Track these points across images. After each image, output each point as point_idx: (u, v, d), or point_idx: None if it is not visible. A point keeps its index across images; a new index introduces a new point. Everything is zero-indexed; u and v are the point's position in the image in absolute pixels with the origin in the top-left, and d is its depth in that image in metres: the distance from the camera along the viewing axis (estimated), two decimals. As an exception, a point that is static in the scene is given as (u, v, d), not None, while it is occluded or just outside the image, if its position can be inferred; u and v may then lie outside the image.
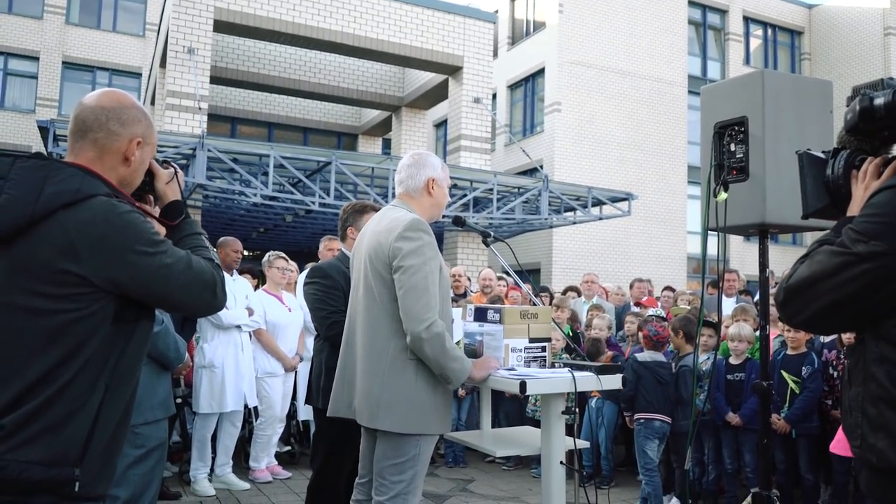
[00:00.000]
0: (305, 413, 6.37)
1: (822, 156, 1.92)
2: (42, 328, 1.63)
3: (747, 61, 25.00)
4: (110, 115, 1.81)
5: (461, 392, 6.57)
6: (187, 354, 4.80)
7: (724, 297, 7.37)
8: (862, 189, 1.76)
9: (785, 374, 5.23)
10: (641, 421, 5.34)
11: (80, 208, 1.66)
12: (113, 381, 1.71)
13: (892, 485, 1.57)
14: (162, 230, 1.93)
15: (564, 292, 9.14)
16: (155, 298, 1.78)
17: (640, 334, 5.85)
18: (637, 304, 8.77)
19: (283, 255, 6.45)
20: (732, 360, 5.53)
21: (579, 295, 9.09)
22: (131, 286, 1.71)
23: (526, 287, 5.00)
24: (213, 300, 1.86)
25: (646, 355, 5.48)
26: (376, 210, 3.84)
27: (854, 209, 1.75)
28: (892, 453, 1.54)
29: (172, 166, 2.05)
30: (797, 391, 5.16)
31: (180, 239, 1.93)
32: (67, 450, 1.62)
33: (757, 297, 4.89)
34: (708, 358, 5.53)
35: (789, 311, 1.72)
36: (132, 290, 1.72)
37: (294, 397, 6.44)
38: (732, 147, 3.28)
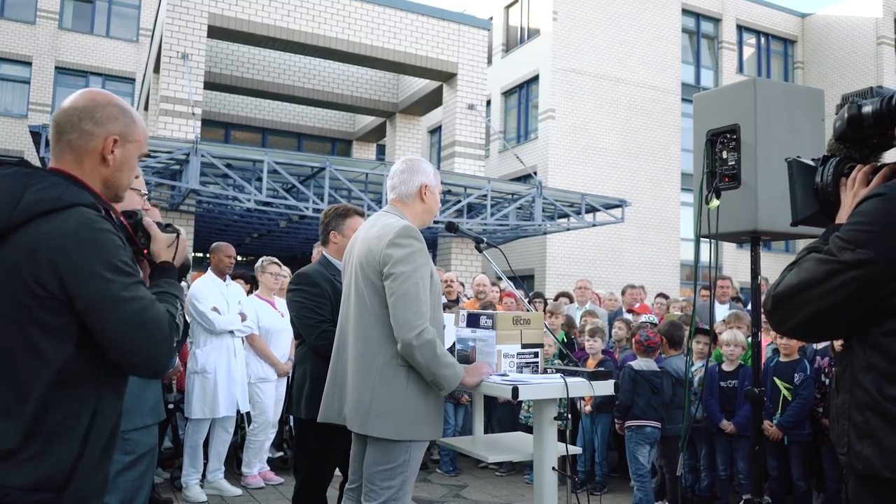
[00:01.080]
0: (298, 419, 6.34)
1: (811, 163, 1.93)
2: (21, 340, 1.57)
3: (740, 69, 25.13)
4: (83, 115, 1.72)
5: (465, 398, 6.51)
6: (178, 360, 4.78)
7: (716, 304, 7.38)
8: (850, 197, 1.77)
9: (777, 381, 5.24)
10: (633, 427, 5.34)
11: (55, 218, 1.59)
12: (102, 402, 1.66)
13: (878, 492, 1.57)
14: (146, 270, 1.85)
15: (556, 298, 9.15)
16: (94, 327, 1.61)
17: (633, 340, 5.85)
18: (629, 310, 8.78)
19: (277, 260, 6.45)
20: (725, 367, 5.54)
21: (572, 301, 9.10)
22: (78, 305, 1.59)
23: (519, 293, 5.02)
24: (155, 358, 1.66)
25: (640, 363, 5.48)
26: (359, 214, 3.82)
27: (843, 217, 1.76)
28: (878, 461, 1.55)
29: (176, 230, 1.93)
30: (789, 398, 5.17)
31: (158, 293, 1.78)
32: (52, 474, 1.57)
33: (750, 305, 4.89)
34: (702, 365, 5.54)
35: (777, 318, 1.72)
36: (79, 310, 1.59)
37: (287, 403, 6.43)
38: (724, 154, 3.29)
